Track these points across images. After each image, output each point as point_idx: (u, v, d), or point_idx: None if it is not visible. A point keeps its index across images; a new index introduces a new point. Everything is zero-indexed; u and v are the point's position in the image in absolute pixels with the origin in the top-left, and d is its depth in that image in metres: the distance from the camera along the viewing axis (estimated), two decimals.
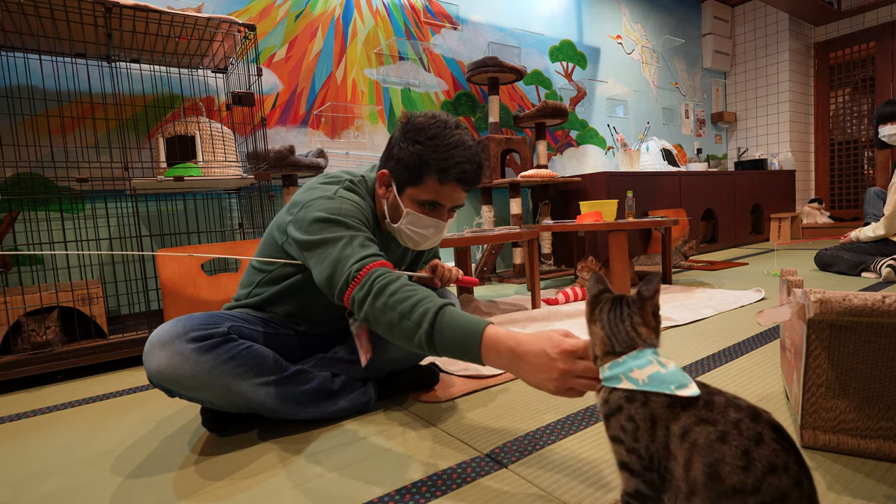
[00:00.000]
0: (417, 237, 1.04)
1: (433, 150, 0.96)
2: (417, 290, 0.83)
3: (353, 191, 1.04)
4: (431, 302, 0.80)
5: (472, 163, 0.97)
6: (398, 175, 1.00)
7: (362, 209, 1.01)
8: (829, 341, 0.79)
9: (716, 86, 5.31)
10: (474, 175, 0.99)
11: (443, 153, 0.95)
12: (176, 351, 0.91)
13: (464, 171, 0.96)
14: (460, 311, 0.80)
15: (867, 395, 0.79)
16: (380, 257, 0.91)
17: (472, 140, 1.00)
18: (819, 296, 0.76)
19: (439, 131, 0.97)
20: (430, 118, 0.99)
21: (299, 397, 1.04)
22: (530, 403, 1.12)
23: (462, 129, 1.00)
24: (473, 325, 0.77)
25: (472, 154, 0.98)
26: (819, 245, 3.92)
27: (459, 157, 0.96)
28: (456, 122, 1.00)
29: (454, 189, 0.99)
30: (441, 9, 3.20)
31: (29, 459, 1.01)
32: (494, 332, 0.75)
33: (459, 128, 1.00)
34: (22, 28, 1.68)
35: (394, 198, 1.02)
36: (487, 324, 0.77)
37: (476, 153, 0.99)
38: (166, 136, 1.94)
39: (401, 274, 0.88)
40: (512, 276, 3.01)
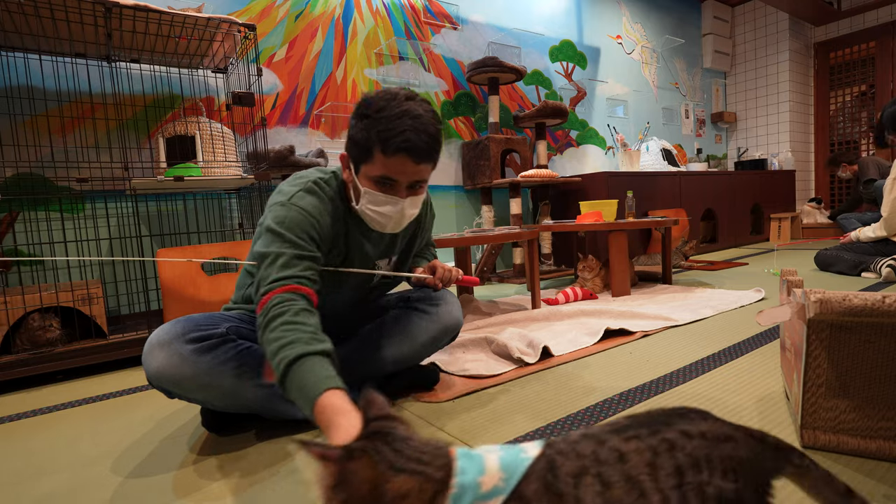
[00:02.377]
0: (379, 217, 0.99)
1: (378, 122, 0.91)
2: (290, 332, 0.79)
3: (314, 192, 0.99)
4: (293, 349, 0.77)
5: (418, 132, 0.91)
6: (352, 154, 0.97)
7: (313, 215, 0.96)
8: (829, 341, 0.79)
9: (716, 86, 5.31)
10: (422, 144, 0.91)
11: (387, 124, 0.90)
12: (175, 352, 0.91)
13: (407, 140, 0.90)
14: (313, 367, 0.75)
15: (867, 395, 0.79)
16: (294, 280, 0.87)
17: (424, 110, 0.93)
18: (819, 296, 0.76)
19: (385, 103, 0.92)
20: (379, 92, 0.95)
21: None
22: (530, 403, 1.12)
23: (414, 101, 0.94)
24: (310, 389, 0.72)
25: (420, 123, 0.91)
26: (819, 245, 3.92)
27: (403, 127, 0.90)
28: (407, 94, 0.94)
29: (403, 161, 0.92)
30: (441, 9, 3.20)
31: (29, 459, 1.01)
32: (324, 402, 0.70)
33: (411, 99, 0.94)
34: (22, 28, 1.68)
35: (352, 177, 0.99)
36: (325, 390, 0.71)
37: (427, 122, 0.92)
38: (166, 136, 1.94)
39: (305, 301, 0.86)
40: (512, 276, 3.01)
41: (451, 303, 1.20)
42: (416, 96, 0.96)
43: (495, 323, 1.84)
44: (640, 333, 1.64)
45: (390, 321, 1.16)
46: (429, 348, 1.18)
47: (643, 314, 1.82)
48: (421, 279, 1.19)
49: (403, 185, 0.96)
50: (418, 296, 1.20)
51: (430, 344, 1.17)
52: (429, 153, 0.94)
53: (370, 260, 1.11)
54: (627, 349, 1.50)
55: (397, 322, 1.16)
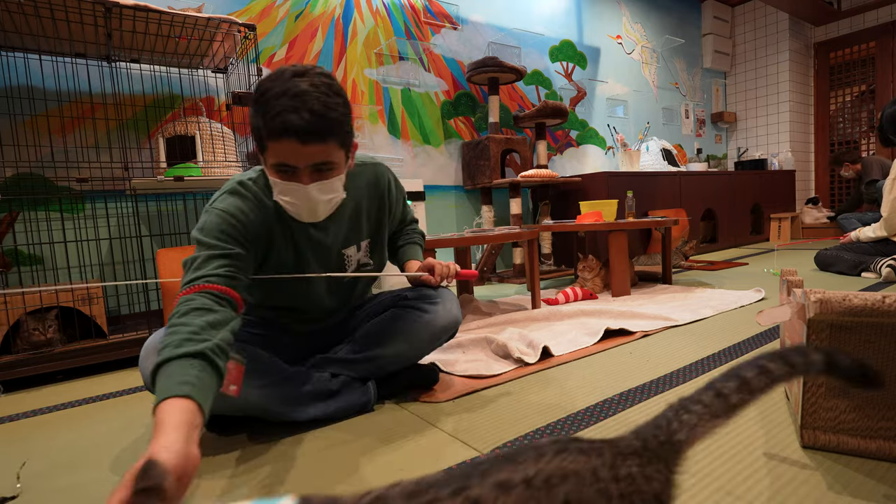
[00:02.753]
0: (290, 206, 0.94)
1: (262, 105, 0.85)
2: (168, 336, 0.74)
3: (236, 192, 0.97)
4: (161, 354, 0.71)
5: (298, 111, 0.82)
6: (256, 145, 0.92)
7: (232, 213, 0.93)
8: (829, 341, 0.79)
9: (716, 86, 5.31)
10: (303, 123, 0.83)
11: (267, 107, 0.84)
12: None
13: (285, 122, 0.82)
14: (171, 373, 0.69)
15: (867, 395, 0.79)
16: (200, 280, 0.84)
17: (311, 85, 0.85)
18: (819, 296, 0.76)
19: (270, 84, 0.85)
20: (273, 72, 0.88)
21: (298, 398, 1.04)
22: (530, 403, 1.12)
23: (303, 76, 0.86)
24: (157, 397, 0.66)
25: (302, 101, 0.83)
26: (819, 245, 3.92)
27: (282, 107, 0.83)
28: (295, 70, 0.86)
29: (288, 145, 0.85)
30: (441, 9, 3.20)
31: (29, 459, 1.01)
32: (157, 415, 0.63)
33: (300, 75, 0.86)
34: (22, 28, 1.68)
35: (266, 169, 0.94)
36: (163, 400, 0.64)
37: (311, 98, 0.83)
38: (166, 136, 1.94)
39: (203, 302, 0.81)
40: (512, 276, 3.01)
41: (450, 300, 1.19)
42: (307, 71, 0.87)
43: (495, 323, 1.84)
44: (640, 333, 1.64)
45: (388, 320, 1.16)
46: (428, 347, 1.18)
47: (643, 314, 1.82)
48: (418, 278, 1.19)
49: (304, 170, 0.89)
50: (416, 294, 1.19)
51: (429, 342, 1.17)
52: (315, 132, 0.84)
53: (330, 249, 1.08)
54: (627, 349, 1.50)
55: (396, 321, 1.15)
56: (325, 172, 0.92)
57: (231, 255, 0.90)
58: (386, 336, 1.14)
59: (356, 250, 1.14)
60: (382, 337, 1.14)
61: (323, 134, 0.86)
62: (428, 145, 3.15)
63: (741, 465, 0.80)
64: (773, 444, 0.86)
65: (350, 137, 0.94)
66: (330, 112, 0.86)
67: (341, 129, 0.89)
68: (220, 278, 0.86)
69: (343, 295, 1.19)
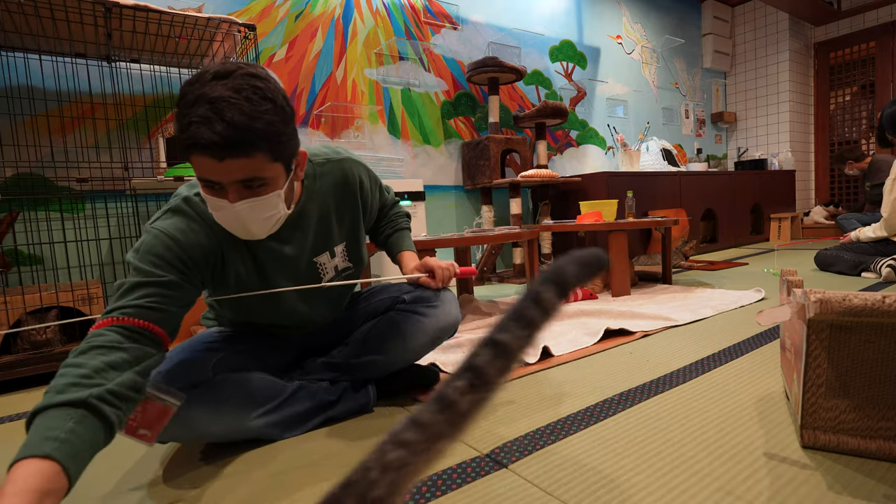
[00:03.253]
0: (225, 225, 0.83)
1: (178, 113, 0.73)
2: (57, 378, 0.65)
3: (180, 211, 0.86)
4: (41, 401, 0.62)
5: (210, 122, 0.69)
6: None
7: (172, 236, 0.82)
8: (829, 341, 0.79)
9: (716, 86, 5.31)
10: (215, 137, 0.70)
11: (181, 116, 0.72)
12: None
13: (195, 135, 0.70)
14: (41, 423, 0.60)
15: (867, 395, 0.79)
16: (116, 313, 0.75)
17: (231, 88, 0.72)
18: (819, 296, 0.76)
19: (189, 88, 0.72)
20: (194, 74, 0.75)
21: (300, 417, 1.03)
22: (530, 403, 1.12)
23: (224, 79, 0.72)
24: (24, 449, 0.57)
25: (217, 109, 0.70)
26: (819, 245, 3.92)
27: (193, 118, 0.70)
28: (217, 72, 0.73)
29: (203, 161, 0.73)
30: (441, 9, 3.20)
31: None
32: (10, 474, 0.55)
33: (222, 77, 0.72)
34: (22, 28, 1.68)
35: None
36: (22, 458, 0.56)
37: (228, 106, 0.70)
38: (166, 136, 1.94)
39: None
40: (512, 276, 3.01)
41: (449, 302, 1.16)
42: (231, 71, 0.73)
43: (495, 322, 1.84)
44: (640, 333, 1.64)
45: (387, 325, 1.13)
46: (428, 348, 1.16)
47: (643, 314, 1.82)
48: (418, 279, 1.15)
49: (230, 187, 0.77)
50: (414, 297, 1.15)
51: (429, 344, 1.15)
52: (233, 146, 0.71)
53: (297, 260, 0.99)
54: (627, 349, 1.50)
55: (395, 325, 1.12)
56: (256, 189, 0.78)
57: (162, 283, 0.79)
58: (385, 341, 1.12)
59: (329, 257, 1.04)
60: (381, 342, 1.12)
61: (244, 147, 0.72)
62: (428, 145, 3.15)
63: (741, 465, 0.80)
64: (773, 444, 0.86)
65: (288, 148, 0.80)
66: (254, 122, 0.72)
67: (271, 140, 0.75)
68: (142, 310, 0.75)
69: (328, 303, 1.11)
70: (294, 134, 0.83)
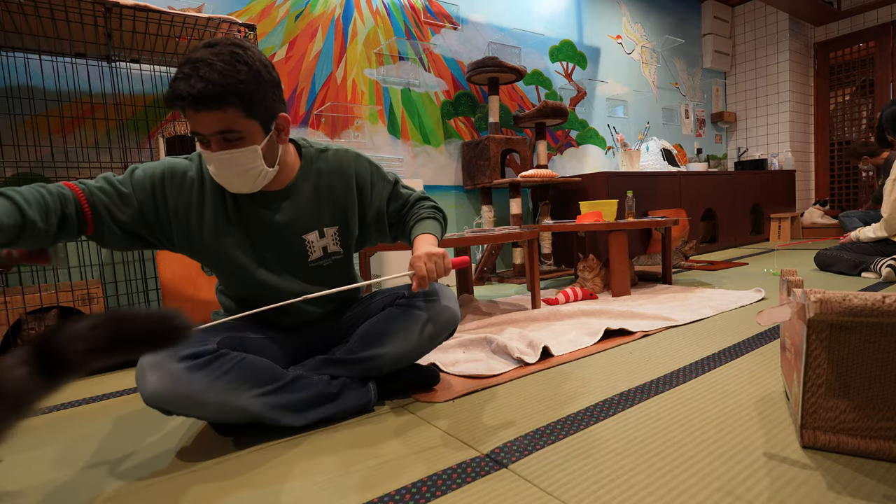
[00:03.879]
0: (215, 177, 0.95)
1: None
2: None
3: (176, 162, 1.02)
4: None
5: (189, 78, 0.83)
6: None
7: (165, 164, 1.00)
8: (829, 341, 0.79)
9: (716, 86, 5.31)
10: (191, 90, 0.82)
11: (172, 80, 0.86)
12: (167, 372, 0.89)
13: (176, 88, 0.84)
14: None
15: (867, 395, 0.79)
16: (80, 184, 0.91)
17: (214, 53, 0.85)
18: (819, 296, 0.76)
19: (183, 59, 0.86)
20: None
21: (299, 405, 1.03)
22: (530, 403, 1.12)
23: (210, 47, 0.86)
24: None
25: (196, 67, 0.83)
26: (819, 245, 3.92)
27: (178, 75, 0.84)
28: (207, 42, 0.88)
29: (187, 113, 0.87)
30: (441, 9, 3.20)
31: (29, 458, 1.01)
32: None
33: (209, 46, 0.87)
34: (22, 28, 1.68)
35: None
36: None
37: (207, 65, 0.83)
38: (166, 136, 1.94)
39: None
40: (512, 276, 3.01)
41: (448, 297, 1.17)
42: (218, 42, 0.88)
43: (495, 323, 1.84)
44: (640, 333, 1.64)
45: (386, 320, 1.14)
46: (428, 345, 1.17)
47: (643, 314, 1.82)
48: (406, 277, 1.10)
49: (212, 139, 0.89)
50: (413, 293, 1.17)
51: (429, 340, 1.16)
52: (205, 98, 0.84)
53: (284, 229, 1.05)
54: (627, 349, 1.50)
55: (394, 321, 1.14)
56: (234, 143, 0.90)
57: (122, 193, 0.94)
58: (385, 335, 1.13)
59: (318, 236, 1.09)
60: (381, 336, 1.13)
61: (215, 100, 0.84)
62: (428, 145, 3.15)
63: (741, 465, 0.80)
64: (773, 444, 0.86)
65: (262, 108, 0.91)
66: (226, 78, 0.84)
67: (242, 97, 0.87)
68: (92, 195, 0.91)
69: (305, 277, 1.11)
70: (273, 98, 0.93)
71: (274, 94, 0.93)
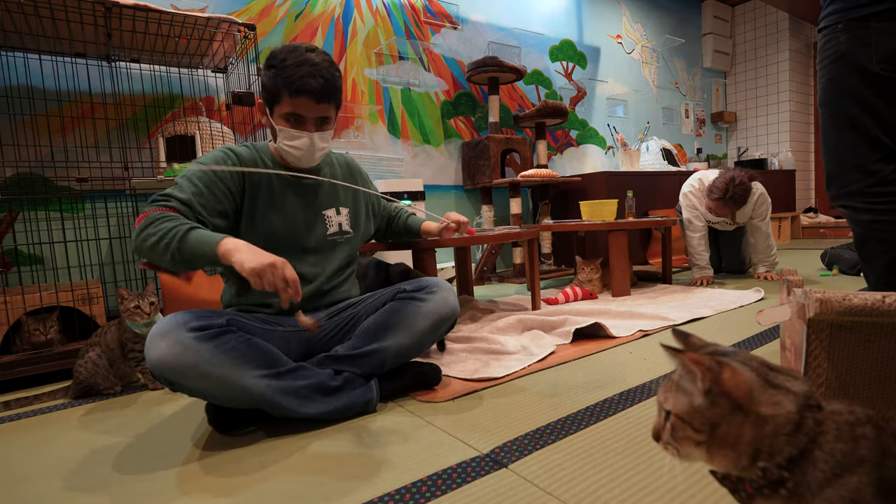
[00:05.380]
0: (294, 151, 1.16)
1: (283, 69, 1.09)
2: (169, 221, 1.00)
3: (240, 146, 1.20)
4: (181, 227, 0.99)
5: (315, 76, 1.10)
6: (266, 99, 1.15)
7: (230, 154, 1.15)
8: (829, 341, 0.79)
9: (716, 85, 5.31)
10: (319, 87, 1.10)
11: (291, 71, 1.09)
12: (176, 340, 0.93)
13: (306, 83, 1.09)
14: (203, 231, 1.00)
15: (867, 395, 0.79)
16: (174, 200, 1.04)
17: (321, 59, 1.12)
18: (819, 295, 0.76)
19: (288, 54, 1.10)
20: (285, 46, 1.13)
21: (300, 391, 1.04)
22: (530, 403, 1.12)
23: (314, 52, 1.12)
24: (210, 237, 0.98)
25: (318, 69, 1.10)
26: (821, 245, 3.92)
27: (303, 73, 1.08)
28: (308, 47, 1.13)
29: (305, 101, 1.11)
30: (441, 8, 3.20)
31: (30, 459, 1.01)
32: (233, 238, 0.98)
33: (312, 51, 1.12)
34: (22, 28, 1.68)
35: (269, 120, 1.16)
36: (220, 240, 0.97)
37: (324, 69, 1.11)
38: (166, 136, 1.94)
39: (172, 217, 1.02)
40: (512, 275, 3.01)
41: (446, 290, 1.23)
42: (315, 48, 1.14)
43: (494, 320, 1.84)
44: (639, 333, 1.64)
45: (388, 313, 1.18)
46: (428, 337, 1.19)
47: (642, 314, 1.82)
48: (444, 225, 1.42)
49: (311, 122, 1.14)
50: (414, 286, 1.23)
51: (429, 332, 1.19)
52: (326, 93, 1.12)
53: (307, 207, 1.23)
54: (627, 349, 1.50)
55: (395, 313, 1.17)
56: (323, 126, 1.17)
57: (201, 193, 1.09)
58: (386, 329, 1.16)
59: (335, 213, 1.28)
60: (383, 330, 1.16)
61: (329, 96, 1.13)
62: (428, 145, 3.15)
63: None
64: None
65: (339, 104, 1.21)
66: (335, 81, 1.14)
67: (338, 96, 1.17)
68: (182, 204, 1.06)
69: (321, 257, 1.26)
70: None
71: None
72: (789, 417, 0.42)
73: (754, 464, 0.43)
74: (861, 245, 1.34)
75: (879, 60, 1.21)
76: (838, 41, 1.26)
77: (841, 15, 1.25)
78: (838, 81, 1.28)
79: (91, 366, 1.35)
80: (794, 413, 0.42)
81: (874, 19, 1.20)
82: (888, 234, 1.26)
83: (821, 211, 5.18)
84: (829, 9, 1.29)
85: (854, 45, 1.24)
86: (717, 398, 0.44)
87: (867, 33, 1.22)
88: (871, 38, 1.21)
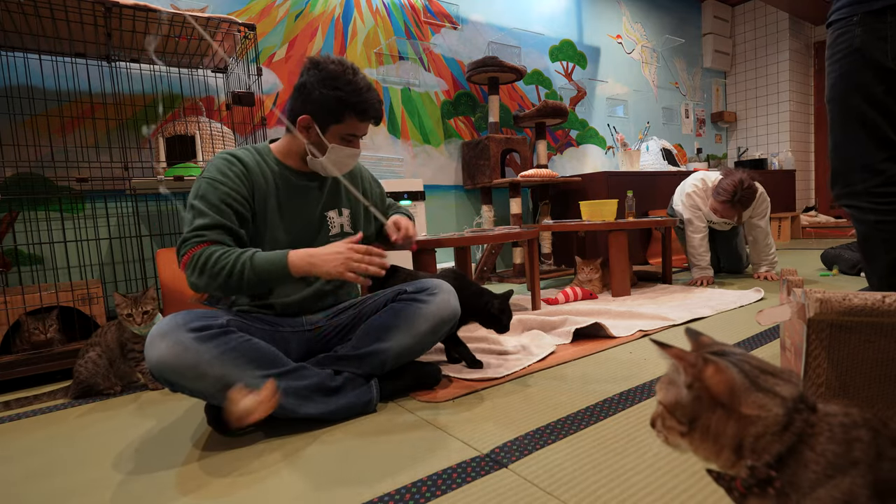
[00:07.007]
0: (340, 165, 1.22)
1: (350, 94, 1.13)
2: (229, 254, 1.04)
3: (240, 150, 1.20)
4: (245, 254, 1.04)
5: (378, 102, 1.19)
6: (320, 117, 1.15)
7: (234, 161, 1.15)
8: (829, 341, 0.79)
9: (716, 85, 5.31)
10: (381, 112, 1.22)
11: (358, 96, 1.14)
12: (176, 340, 0.94)
13: (375, 109, 1.18)
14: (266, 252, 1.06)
15: (867, 395, 0.79)
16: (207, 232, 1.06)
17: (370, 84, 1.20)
18: (819, 295, 0.76)
19: (350, 78, 1.14)
20: (338, 65, 1.14)
21: (300, 391, 1.04)
22: (530, 403, 1.12)
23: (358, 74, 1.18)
24: (278, 256, 1.05)
25: (376, 94, 1.19)
26: (822, 245, 3.92)
27: (373, 99, 1.17)
28: (353, 68, 1.17)
29: (366, 124, 1.20)
30: (441, 8, 3.20)
31: (30, 459, 1.01)
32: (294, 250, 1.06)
33: (359, 72, 1.18)
34: (22, 28, 1.68)
35: (317, 136, 1.17)
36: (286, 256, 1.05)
37: (377, 93, 1.20)
38: (166, 136, 1.94)
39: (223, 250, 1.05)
40: (512, 275, 3.01)
41: (447, 292, 1.23)
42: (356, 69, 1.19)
43: None
44: (639, 333, 1.64)
45: (389, 315, 1.18)
46: (429, 338, 1.19)
47: (642, 314, 1.82)
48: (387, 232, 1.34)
49: (358, 140, 1.23)
50: (414, 288, 1.23)
51: (430, 333, 1.19)
52: (380, 117, 1.23)
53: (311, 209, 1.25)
54: (627, 349, 1.50)
55: (396, 315, 1.17)
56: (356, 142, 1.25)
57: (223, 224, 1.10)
58: (387, 330, 1.16)
59: (337, 214, 1.30)
60: (384, 331, 1.15)
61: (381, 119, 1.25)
62: (428, 145, 3.15)
63: None
64: None
65: None
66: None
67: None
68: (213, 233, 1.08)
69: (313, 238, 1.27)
70: None
71: None
72: (776, 419, 0.43)
73: (740, 461, 0.44)
74: (864, 245, 1.33)
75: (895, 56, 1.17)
76: (852, 35, 1.22)
77: (856, 7, 1.21)
78: (850, 77, 1.24)
79: (91, 366, 1.35)
80: (782, 415, 0.43)
81: (891, 13, 1.16)
82: (893, 234, 1.25)
83: (821, 211, 5.18)
84: (841, 1, 1.25)
85: (869, 39, 1.20)
86: (699, 393, 0.46)
87: (883, 27, 1.17)
88: (888, 32, 1.17)
